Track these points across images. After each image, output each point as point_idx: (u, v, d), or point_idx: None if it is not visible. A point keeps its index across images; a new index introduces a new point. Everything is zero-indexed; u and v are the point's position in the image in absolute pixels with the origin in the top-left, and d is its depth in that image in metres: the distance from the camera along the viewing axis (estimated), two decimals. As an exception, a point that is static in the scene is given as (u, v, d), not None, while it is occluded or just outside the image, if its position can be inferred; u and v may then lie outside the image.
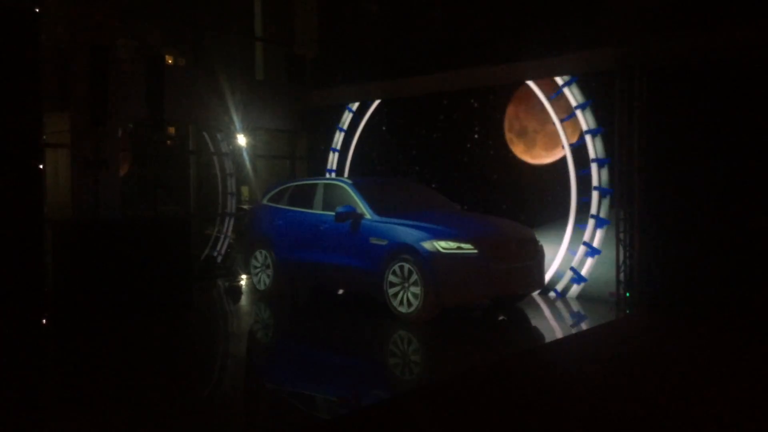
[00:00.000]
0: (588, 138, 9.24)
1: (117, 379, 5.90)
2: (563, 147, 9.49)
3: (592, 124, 9.23)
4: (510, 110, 10.10)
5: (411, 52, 11.42)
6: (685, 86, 8.41)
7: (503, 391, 5.58)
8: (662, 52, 8.55)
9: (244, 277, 11.25)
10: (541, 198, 9.70)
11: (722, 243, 8.07)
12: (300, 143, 13.36)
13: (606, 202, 9.09)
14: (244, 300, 9.99)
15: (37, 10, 7.91)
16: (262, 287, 9.77)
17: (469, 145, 10.53)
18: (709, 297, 8.05)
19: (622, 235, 8.77)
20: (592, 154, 9.21)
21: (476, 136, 10.46)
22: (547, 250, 8.92)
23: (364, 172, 11.86)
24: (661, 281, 8.55)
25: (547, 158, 9.71)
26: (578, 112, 9.32)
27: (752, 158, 7.93)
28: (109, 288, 8.24)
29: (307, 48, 13.63)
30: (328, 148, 12.51)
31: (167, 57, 12.35)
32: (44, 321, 7.88)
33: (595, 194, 9.18)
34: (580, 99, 9.33)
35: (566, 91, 9.46)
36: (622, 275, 8.77)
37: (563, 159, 9.49)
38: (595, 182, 9.18)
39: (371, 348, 7.35)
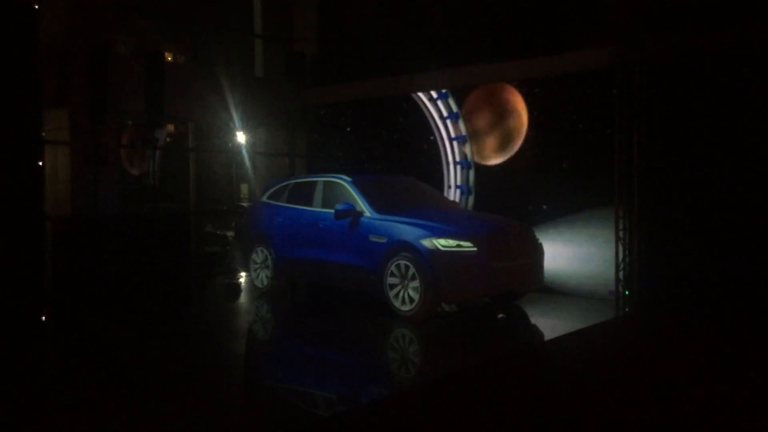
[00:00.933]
0: (456, 144, 10.60)
1: (116, 376, 5.91)
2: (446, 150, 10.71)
3: (459, 133, 10.59)
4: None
5: (410, 49, 11.41)
6: (684, 85, 8.40)
7: (502, 389, 5.59)
8: (661, 50, 8.54)
9: (243, 274, 11.25)
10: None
11: (721, 241, 8.08)
12: (299, 140, 13.35)
13: (471, 199, 10.42)
14: (243, 297, 9.99)
15: (37, 7, 7.90)
16: (261, 285, 9.77)
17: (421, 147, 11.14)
18: (708, 295, 8.06)
19: (621, 233, 8.77)
20: (458, 158, 10.58)
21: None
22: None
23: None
24: (660, 279, 8.56)
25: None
26: (449, 122, 10.65)
27: (751, 156, 7.94)
28: (108, 284, 8.25)
29: (306, 45, 13.62)
30: (327, 145, 12.52)
31: (167, 54, 12.33)
32: (43, 317, 7.89)
33: (457, 192, 10.58)
34: (452, 110, 10.62)
35: (440, 103, 10.71)
36: (621, 273, 8.78)
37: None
38: (459, 182, 10.57)
39: (370, 346, 7.35)
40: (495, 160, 10.28)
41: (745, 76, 8.00)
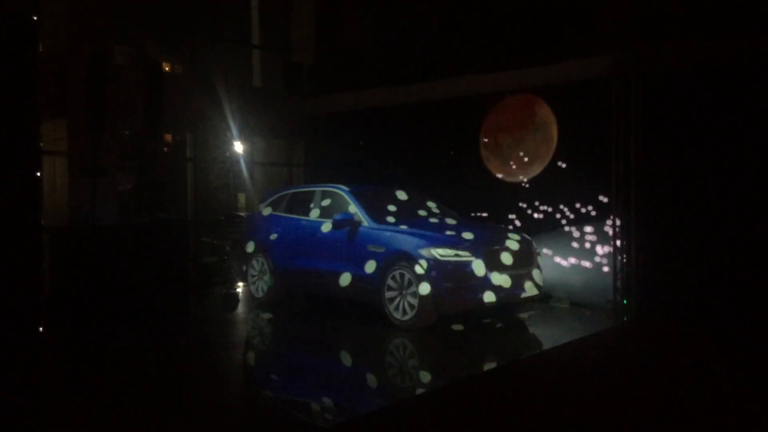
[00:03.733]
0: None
1: (113, 387, 5.89)
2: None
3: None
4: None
5: (407, 59, 11.46)
6: (681, 93, 8.43)
7: (500, 399, 5.58)
8: (658, 59, 8.58)
9: (241, 284, 11.24)
10: None
11: (719, 249, 8.09)
12: (297, 150, 13.38)
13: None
14: (240, 307, 9.97)
15: (35, 18, 7.93)
16: (259, 295, 9.76)
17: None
18: (706, 303, 8.06)
19: (618, 242, 8.78)
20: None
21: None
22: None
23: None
24: (658, 288, 8.56)
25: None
26: None
27: (749, 164, 7.96)
28: (106, 294, 8.23)
29: (304, 55, 13.68)
30: (324, 155, 12.55)
31: (165, 64, 12.37)
32: (41, 328, 7.87)
33: None
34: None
35: None
36: (619, 282, 8.78)
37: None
38: None
39: (369, 355, 7.34)
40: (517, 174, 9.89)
41: (741, 84, 8.03)
